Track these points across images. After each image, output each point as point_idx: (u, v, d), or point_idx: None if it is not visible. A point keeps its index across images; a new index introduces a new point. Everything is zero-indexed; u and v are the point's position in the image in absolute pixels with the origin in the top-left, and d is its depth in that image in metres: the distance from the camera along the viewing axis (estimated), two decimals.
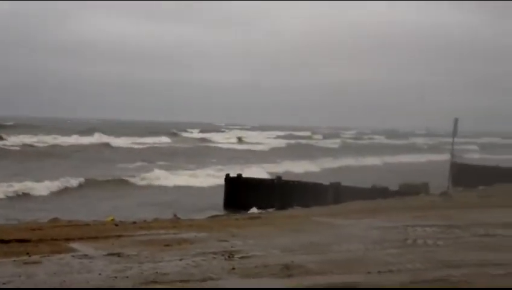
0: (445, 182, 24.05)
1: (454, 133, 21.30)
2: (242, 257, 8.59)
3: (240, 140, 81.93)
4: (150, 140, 69.63)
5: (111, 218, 14.54)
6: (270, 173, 35.43)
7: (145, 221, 12.80)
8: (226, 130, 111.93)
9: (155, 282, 7.13)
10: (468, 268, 8.27)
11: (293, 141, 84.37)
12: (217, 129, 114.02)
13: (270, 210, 20.42)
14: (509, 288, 6.59)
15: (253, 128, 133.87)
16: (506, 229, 11.69)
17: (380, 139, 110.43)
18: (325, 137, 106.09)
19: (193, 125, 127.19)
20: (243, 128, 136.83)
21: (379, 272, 7.94)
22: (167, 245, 9.36)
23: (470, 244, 10.13)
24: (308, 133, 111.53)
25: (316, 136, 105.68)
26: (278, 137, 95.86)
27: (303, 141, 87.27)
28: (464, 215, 13.87)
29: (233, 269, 7.90)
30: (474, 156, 67.55)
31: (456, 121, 21.17)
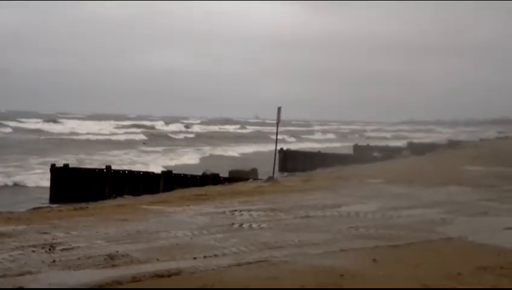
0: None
1: (278, 121, 22.17)
2: (64, 249, 8.24)
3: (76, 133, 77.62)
4: None
5: None
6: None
7: None
8: (62, 120, 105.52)
9: None
10: (289, 249, 8.67)
11: (139, 131, 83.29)
12: (52, 119, 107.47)
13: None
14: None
15: (89, 118, 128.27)
16: (324, 211, 12.43)
17: (230, 128, 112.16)
18: (171, 126, 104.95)
19: (18, 115, 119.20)
20: (77, 117, 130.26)
21: (205, 256, 8.06)
22: None
23: (291, 226, 10.64)
24: (153, 123, 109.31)
25: (163, 126, 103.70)
26: (123, 127, 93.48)
27: (151, 131, 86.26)
28: (287, 198, 14.53)
29: (54, 261, 7.56)
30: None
31: (279, 109, 22.04)
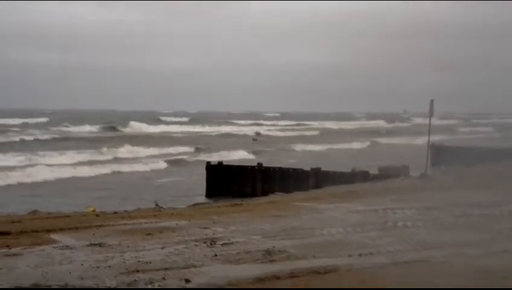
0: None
1: (430, 114, 21.37)
2: (224, 244, 8.64)
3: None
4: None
5: (92, 209, 14.48)
6: None
7: (126, 211, 12.78)
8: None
9: (137, 271, 7.14)
10: (447, 249, 8.42)
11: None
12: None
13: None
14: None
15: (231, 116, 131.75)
16: (482, 210, 11.88)
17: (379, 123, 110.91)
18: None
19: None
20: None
21: (360, 254, 8.06)
22: (149, 234, 9.36)
23: (448, 225, 10.30)
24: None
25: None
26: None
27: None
28: (442, 196, 14.05)
29: (216, 255, 7.95)
30: None
31: (431, 102, 21.23)
